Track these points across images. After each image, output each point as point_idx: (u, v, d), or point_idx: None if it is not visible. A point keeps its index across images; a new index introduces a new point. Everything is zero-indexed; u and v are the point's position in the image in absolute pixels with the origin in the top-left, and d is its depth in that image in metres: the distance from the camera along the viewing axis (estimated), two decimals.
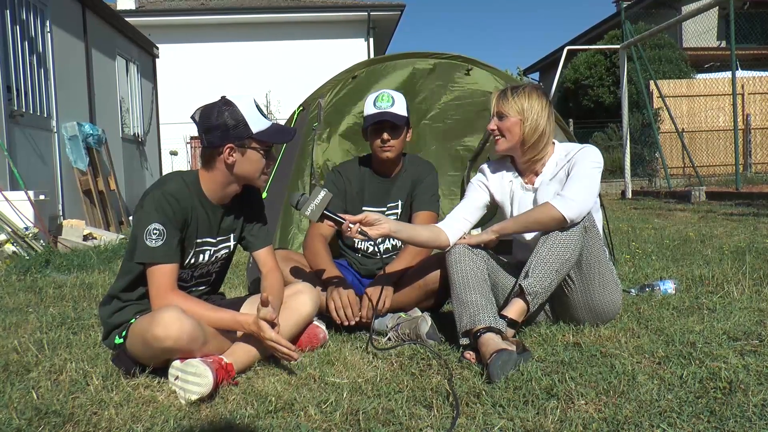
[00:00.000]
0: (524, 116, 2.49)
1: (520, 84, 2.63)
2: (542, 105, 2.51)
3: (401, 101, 2.84)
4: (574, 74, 17.63)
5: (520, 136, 2.50)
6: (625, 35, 11.27)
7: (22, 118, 7.11)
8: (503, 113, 2.51)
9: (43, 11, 7.92)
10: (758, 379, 1.86)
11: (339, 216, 2.36)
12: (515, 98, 2.50)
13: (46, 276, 4.48)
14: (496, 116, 2.55)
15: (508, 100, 2.51)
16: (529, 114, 2.48)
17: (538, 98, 2.51)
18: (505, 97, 2.53)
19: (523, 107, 2.49)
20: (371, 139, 2.86)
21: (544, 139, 2.53)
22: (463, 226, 2.60)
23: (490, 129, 2.56)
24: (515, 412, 1.71)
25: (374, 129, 2.81)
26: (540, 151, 2.54)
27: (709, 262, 3.90)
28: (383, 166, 2.95)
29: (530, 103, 2.49)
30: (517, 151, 2.57)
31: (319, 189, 2.36)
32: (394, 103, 2.80)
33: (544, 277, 2.30)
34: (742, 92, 13.72)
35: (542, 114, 2.50)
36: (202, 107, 2.18)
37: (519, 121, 2.49)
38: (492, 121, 2.56)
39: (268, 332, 2.06)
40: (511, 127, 2.51)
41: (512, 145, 2.54)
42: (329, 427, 1.69)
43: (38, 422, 1.76)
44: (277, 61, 17.30)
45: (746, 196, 8.58)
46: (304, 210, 2.34)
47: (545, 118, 2.51)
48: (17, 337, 2.72)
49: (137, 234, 2.11)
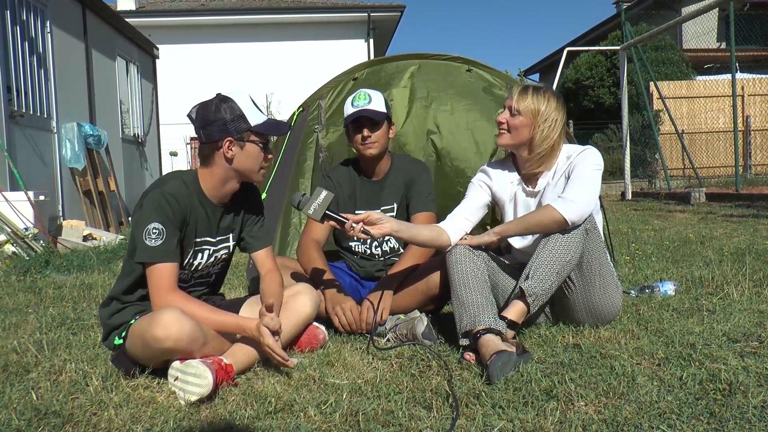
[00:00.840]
0: (536, 121, 2.45)
1: (543, 86, 2.58)
2: (558, 116, 2.47)
3: (378, 98, 2.84)
4: (575, 74, 17.65)
5: (526, 137, 2.48)
6: (625, 36, 11.28)
7: (22, 119, 7.11)
8: (516, 110, 2.47)
9: (44, 12, 7.92)
10: (758, 381, 1.86)
11: (341, 215, 2.36)
12: (534, 99, 2.45)
13: (45, 276, 4.48)
14: (508, 110, 2.50)
15: (527, 98, 2.46)
16: (542, 121, 2.44)
17: (556, 108, 2.47)
18: (524, 94, 2.47)
19: (539, 110, 2.45)
20: (353, 138, 2.86)
21: (553, 151, 2.50)
22: (465, 226, 2.59)
23: (498, 121, 2.53)
24: (515, 414, 1.71)
25: (354, 127, 2.82)
26: (546, 162, 2.52)
27: (709, 263, 3.89)
28: (370, 165, 2.93)
29: (548, 110, 2.44)
30: (519, 151, 2.54)
31: (321, 189, 2.37)
32: (371, 100, 2.80)
33: (544, 279, 2.30)
34: (742, 94, 13.73)
35: (556, 126, 2.46)
36: (199, 104, 2.18)
37: (530, 122, 2.46)
38: (503, 113, 2.53)
39: (268, 339, 2.06)
40: (520, 126, 2.47)
41: (515, 143, 2.51)
42: (329, 428, 1.69)
43: (38, 423, 1.76)
44: (277, 62, 17.31)
45: (746, 197, 8.58)
46: (306, 210, 2.34)
47: (558, 131, 2.47)
48: (17, 337, 2.72)
49: (137, 234, 2.11)
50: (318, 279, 2.69)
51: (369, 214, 2.37)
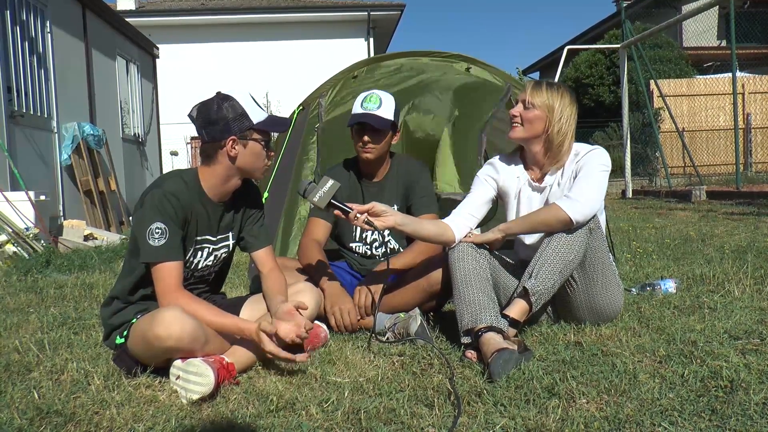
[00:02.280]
0: (551, 116, 2.45)
1: (556, 83, 2.59)
2: (572, 111, 2.48)
3: (389, 103, 2.79)
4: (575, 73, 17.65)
5: (539, 130, 2.48)
6: (625, 35, 11.27)
7: (22, 119, 7.11)
8: (531, 103, 2.47)
9: (43, 12, 7.92)
10: (759, 378, 1.86)
11: (346, 205, 2.35)
12: (548, 93, 2.46)
13: (46, 276, 4.48)
14: (522, 103, 2.50)
15: (541, 92, 2.47)
16: (557, 117, 2.45)
17: (570, 104, 2.48)
18: (539, 88, 2.48)
19: (553, 105, 2.45)
20: (354, 139, 2.84)
21: (567, 147, 2.51)
22: (470, 222, 2.59)
23: (512, 114, 2.53)
24: (517, 411, 1.71)
25: (356, 129, 2.79)
26: (560, 157, 2.52)
27: (710, 261, 3.89)
28: (368, 167, 2.91)
29: (561, 106, 2.45)
30: (530, 144, 2.53)
31: (327, 178, 2.37)
32: (381, 105, 2.75)
33: (547, 278, 2.30)
34: (742, 91, 13.73)
35: (570, 122, 2.47)
36: (199, 104, 2.18)
37: (544, 116, 2.46)
38: (517, 107, 2.52)
39: (268, 345, 2.06)
40: (534, 119, 2.47)
41: (527, 137, 2.50)
42: (331, 426, 1.69)
43: (40, 422, 1.76)
44: (277, 61, 17.31)
45: (747, 195, 8.57)
46: (312, 197, 2.34)
47: (572, 127, 2.48)
48: (18, 337, 2.72)
49: (139, 234, 2.10)
50: (318, 278, 2.69)
51: (374, 204, 2.36)
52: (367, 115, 2.74)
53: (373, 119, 2.73)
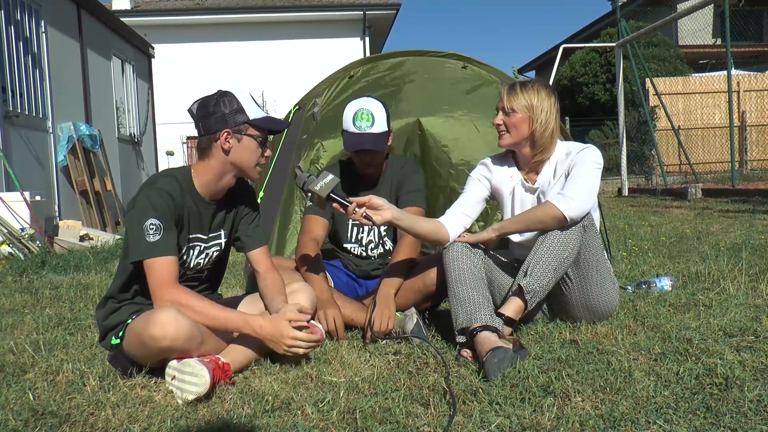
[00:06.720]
0: (533, 114, 2.45)
1: (528, 80, 2.59)
2: (551, 103, 2.48)
3: (380, 116, 2.72)
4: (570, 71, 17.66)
5: (526, 133, 2.48)
6: (621, 33, 11.28)
7: (17, 119, 7.09)
8: (510, 108, 2.48)
9: (38, 11, 7.90)
10: (754, 375, 1.86)
11: (345, 198, 2.36)
12: (524, 94, 2.46)
13: (42, 277, 4.47)
14: (502, 111, 2.51)
15: (517, 95, 2.47)
16: (539, 113, 2.45)
17: (547, 96, 2.47)
18: (513, 92, 2.48)
19: (532, 104, 2.45)
20: (353, 156, 2.82)
21: (553, 138, 2.51)
22: (464, 222, 2.59)
23: (496, 123, 2.53)
24: (512, 410, 1.71)
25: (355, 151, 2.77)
26: (548, 150, 2.52)
27: (706, 258, 3.90)
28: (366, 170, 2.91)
29: (540, 101, 2.45)
30: (521, 147, 2.54)
31: (327, 173, 2.38)
32: (374, 122, 2.69)
33: (542, 276, 2.30)
34: (737, 89, 13.76)
35: (551, 112, 2.47)
36: (200, 99, 2.20)
37: (527, 117, 2.46)
38: (498, 115, 2.53)
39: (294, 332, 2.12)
40: (518, 123, 2.47)
41: (517, 141, 2.51)
42: (326, 426, 1.69)
43: (35, 423, 1.75)
44: (272, 61, 17.27)
45: (742, 192, 8.59)
46: (313, 186, 2.34)
47: (554, 117, 2.48)
48: (13, 338, 2.71)
49: (133, 232, 2.09)
50: (311, 279, 2.66)
51: (371, 197, 2.37)
52: (365, 137, 2.69)
53: (371, 143, 2.69)
